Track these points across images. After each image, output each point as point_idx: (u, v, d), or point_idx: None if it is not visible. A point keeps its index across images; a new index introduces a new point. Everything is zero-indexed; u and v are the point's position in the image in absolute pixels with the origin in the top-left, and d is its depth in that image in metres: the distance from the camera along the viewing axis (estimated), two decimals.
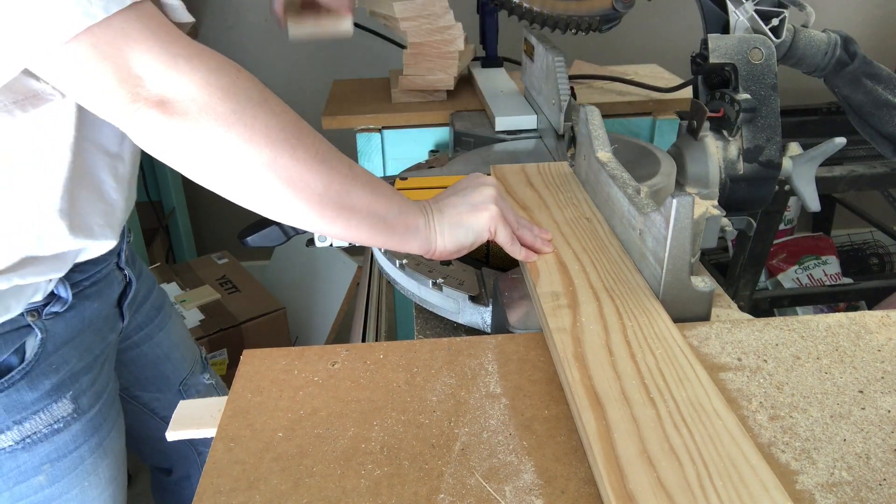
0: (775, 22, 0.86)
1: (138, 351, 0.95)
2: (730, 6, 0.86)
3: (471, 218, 0.70)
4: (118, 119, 0.56)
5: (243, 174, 0.58)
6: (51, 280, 0.74)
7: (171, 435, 0.60)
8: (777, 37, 0.86)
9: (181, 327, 1.05)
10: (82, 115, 0.67)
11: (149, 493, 1.20)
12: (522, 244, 0.72)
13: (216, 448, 0.53)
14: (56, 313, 0.76)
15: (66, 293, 0.76)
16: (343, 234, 0.64)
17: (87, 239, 0.74)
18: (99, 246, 0.76)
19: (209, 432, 0.57)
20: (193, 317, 1.81)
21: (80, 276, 0.79)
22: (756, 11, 0.86)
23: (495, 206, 0.70)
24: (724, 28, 0.88)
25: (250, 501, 0.48)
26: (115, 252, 0.84)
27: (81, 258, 0.77)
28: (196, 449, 1.08)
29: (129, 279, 0.89)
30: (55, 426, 0.76)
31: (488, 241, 0.81)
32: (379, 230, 0.65)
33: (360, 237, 0.65)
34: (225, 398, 0.58)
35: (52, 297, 0.75)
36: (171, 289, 1.92)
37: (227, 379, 1.04)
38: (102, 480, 0.83)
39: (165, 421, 1.01)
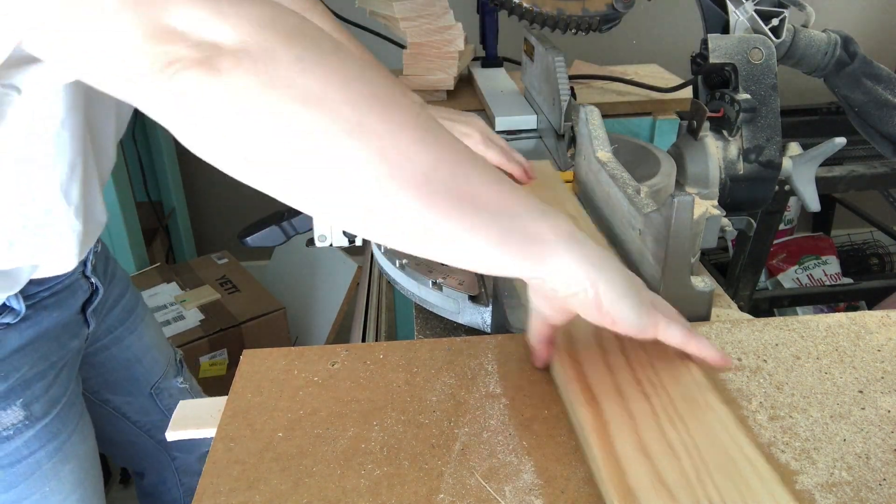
0: (775, 22, 0.86)
1: (107, 354, 0.93)
2: (730, 6, 0.86)
3: (642, 302, 0.51)
4: (146, 90, 0.42)
5: (317, 146, 0.42)
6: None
7: (171, 435, 0.60)
8: (777, 37, 0.86)
9: (154, 330, 1.02)
10: (29, 133, 0.62)
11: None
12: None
13: (216, 448, 0.53)
14: (8, 325, 0.72)
15: (18, 305, 0.72)
16: (459, 241, 0.45)
17: (53, 260, 0.71)
18: (54, 267, 0.73)
19: (209, 432, 0.57)
20: (193, 317, 1.81)
21: (38, 287, 0.75)
22: (756, 11, 0.86)
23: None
24: (724, 28, 0.88)
25: (250, 501, 0.48)
26: (81, 262, 0.81)
27: (37, 275, 0.73)
28: (170, 454, 1.06)
29: (96, 287, 0.85)
30: (4, 433, 0.73)
31: None
32: (509, 240, 0.46)
33: (483, 250, 0.46)
34: (225, 398, 0.58)
35: (3, 308, 0.72)
36: (171, 289, 1.92)
37: (228, 379, 1.04)
38: (66, 485, 0.80)
39: (137, 425, 1.02)
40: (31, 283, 0.74)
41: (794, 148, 0.90)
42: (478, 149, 0.83)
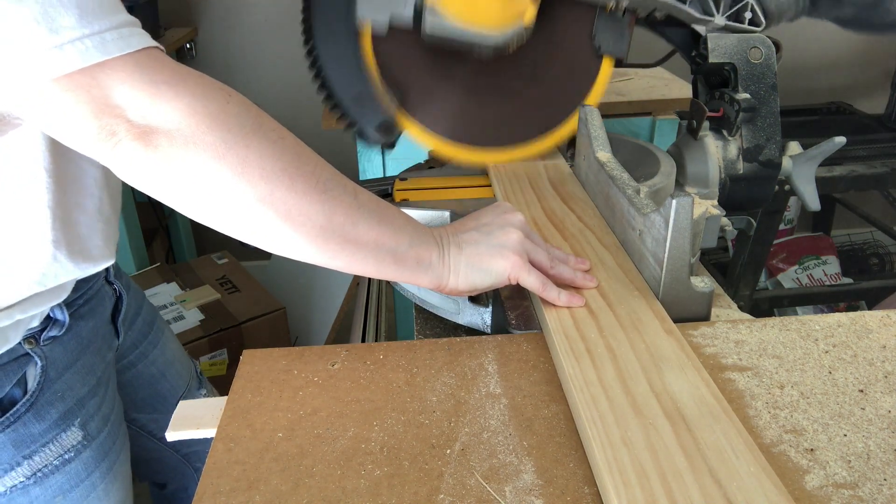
0: (749, 15, 0.86)
1: (134, 371, 0.93)
2: (699, 28, 0.87)
3: (490, 262, 0.64)
4: (97, 154, 0.52)
5: (237, 209, 0.54)
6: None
7: (171, 435, 0.60)
8: (758, 25, 0.86)
9: (174, 342, 1.02)
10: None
11: (147, 494, 1.20)
12: (560, 283, 0.66)
13: (216, 448, 0.53)
14: (54, 338, 0.73)
15: (62, 316, 0.74)
16: (347, 267, 0.60)
17: (88, 264, 0.72)
18: (98, 268, 0.74)
19: (209, 432, 0.57)
20: (193, 317, 1.81)
21: (74, 295, 0.76)
22: (727, 24, 0.86)
23: (517, 255, 0.64)
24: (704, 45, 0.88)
25: (250, 502, 0.48)
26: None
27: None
28: (192, 465, 1.06)
29: (119, 293, 0.86)
30: (66, 456, 0.74)
31: None
32: (386, 263, 0.61)
33: (366, 270, 0.61)
34: (225, 398, 0.58)
35: (48, 320, 0.73)
36: (171, 289, 1.92)
37: (228, 379, 1.04)
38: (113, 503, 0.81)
39: (163, 441, 1.00)
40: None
41: (794, 148, 0.90)
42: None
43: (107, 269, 0.84)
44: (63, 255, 0.68)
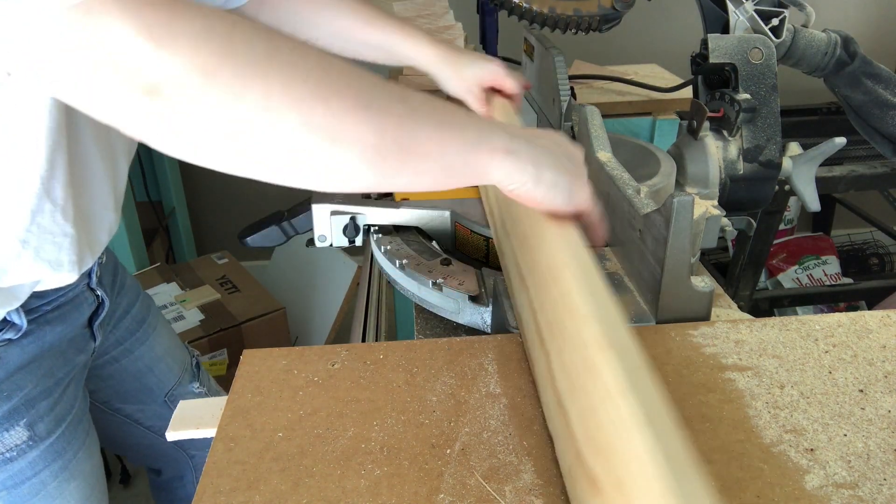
0: (775, 22, 0.86)
1: (117, 366, 0.90)
2: (730, 6, 0.86)
3: (572, 182, 0.58)
4: (104, 115, 0.46)
5: (274, 147, 0.47)
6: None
7: (171, 435, 0.60)
8: (777, 37, 0.86)
9: (167, 338, 0.98)
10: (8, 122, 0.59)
11: (148, 493, 1.20)
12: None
13: (216, 448, 0.53)
14: (9, 340, 0.70)
15: (20, 320, 0.70)
16: (412, 183, 0.53)
17: (50, 271, 0.68)
18: (57, 279, 0.71)
19: (209, 432, 0.57)
20: (193, 317, 1.81)
21: (40, 301, 0.73)
22: (756, 11, 0.86)
23: (589, 187, 0.59)
24: (724, 28, 0.88)
25: (250, 501, 0.48)
26: (86, 274, 0.79)
27: (38, 287, 0.71)
28: (187, 452, 1.05)
29: (102, 299, 0.83)
30: (7, 455, 0.71)
31: (488, 240, 0.81)
32: (455, 169, 0.54)
33: (436, 183, 0.54)
34: (225, 398, 0.58)
35: (4, 323, 0.69)
36: (171, 289, 1.92)
37: (228, 379, 1.04)
38: (72, 502, 0.79)
39: (151, 430, 0.98)
40: (33, 296, 0.72)
41: (794, 148, 0.90)
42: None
43: (89, 277, 0.81)
44: (29, 256, 0.65)
